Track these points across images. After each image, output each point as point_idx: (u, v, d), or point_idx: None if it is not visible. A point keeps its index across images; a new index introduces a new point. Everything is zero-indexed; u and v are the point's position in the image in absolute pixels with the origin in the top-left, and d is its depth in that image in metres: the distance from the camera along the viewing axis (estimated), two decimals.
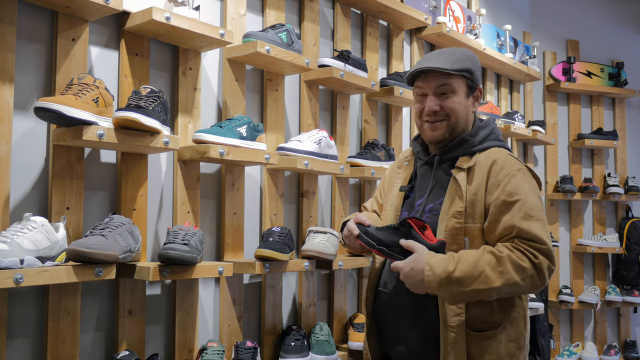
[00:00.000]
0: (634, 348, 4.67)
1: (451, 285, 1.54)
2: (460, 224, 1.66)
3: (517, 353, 1.67)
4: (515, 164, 1.70)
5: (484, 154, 1.73)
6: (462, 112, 1.76)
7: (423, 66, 1.75)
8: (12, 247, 1.58)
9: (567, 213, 4.74)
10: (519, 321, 1.69)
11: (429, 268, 1.55)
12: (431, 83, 1.75)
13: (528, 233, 1.58)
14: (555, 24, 4.89)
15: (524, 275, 1.55)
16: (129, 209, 2.06)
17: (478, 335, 1.65)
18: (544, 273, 1.57)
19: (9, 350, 1.78)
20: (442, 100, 1.75)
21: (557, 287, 4.60)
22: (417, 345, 1.72)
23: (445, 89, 1.74)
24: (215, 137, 2.09)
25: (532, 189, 1.66)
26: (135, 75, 2.10)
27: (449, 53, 1.78)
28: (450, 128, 1.76)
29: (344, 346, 2.74)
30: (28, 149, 1.87)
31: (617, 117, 5.00)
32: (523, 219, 1.59)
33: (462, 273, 1.54)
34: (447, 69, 1.72)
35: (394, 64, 3.32)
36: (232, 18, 2.46)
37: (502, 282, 1.54)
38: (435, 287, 1.55)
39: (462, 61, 1.75)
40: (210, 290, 2.37)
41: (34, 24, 1.89)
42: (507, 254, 1.56)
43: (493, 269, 1.54)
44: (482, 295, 1.57)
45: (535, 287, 1.59)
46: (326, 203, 2.90)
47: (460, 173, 1.71)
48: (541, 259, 1.56)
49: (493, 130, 1.80)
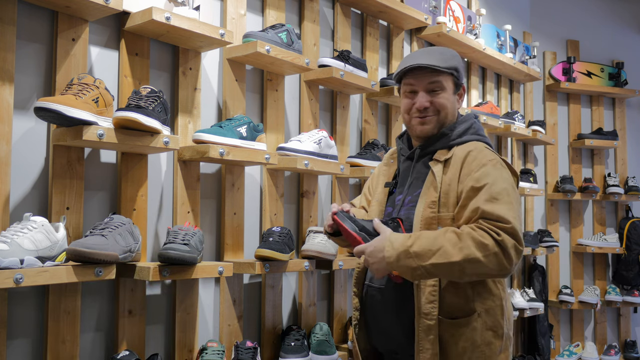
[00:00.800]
0: (634, 348, 4.67)
1: (410, 259, 1.56)
2: (434, 213, 1.70)
3: (493, 341, 1.68)
4: (489, 155, 1.72)
5: (461, 146, 1.77)
6: (450, 108, 1.82)
7: (415, 63, 1.78)
8: (12, 247, 1.58)
9: (567, 213, 4.74)
10: (495, 310, 1.70)
11: (389, 243, 1.59)
12: (422, 80, 1.80)
13: (491, 214, 1.58)
14: (555, 24, 4.89)
15: (486, 252, 1.54)
16: (129, 209, 2.06)
17: (451, 322, 1.67)
18: (508, 252, 1.55)
19: (9, 350, 1.78)
20: (433, 96, 1.80)
21: (557, 287, 4.60)
22: (402, 338, 1.75)
23: (436, 85, 1.79)
24: (215, 137, 2.09)
25: (501, 175, 1.66)
26: (135, 75, 2.10)
27: (438, 52, 1.83)
28: (439, 123, 1.81)
29: (344, 346, 2.74)
30: (28, 149, 1.87)
31: (617, 117, 5.00)
32: (487, 201, 1.60)
33: (420, 248, 1.56)
34: (439, 66, 1.77)
35: (394, 64, 3.32)
36: (232, 18, 2.46)
37: (461, 257, 1.53)
38: (394, 261, 1.58)
39: (451, 60, 1.81)
40: (210, 290, 2.37)
41: (34, 24, 1.89)
42: (467, 232, 1.57)
43: (453, 245, 1.55)
44: (444, 272, 1.57)
45: (502, 267, 1.56)
46: (326, 203, 2.90)
47: (437, 165, 1.76)
48: (504, 237, 1.55)
49: (472, 125, 1.83)
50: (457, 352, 1.67)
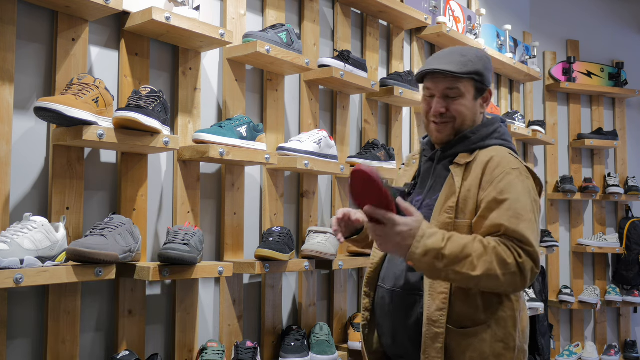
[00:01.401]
0: (634, 348, 4.67)
1: (437, 261, 1.50)
2: (450, 219, 1.65)
3: (504, 354, 1.63)
4: (513, 162, 1.66)
5: (483, 151, 1.71)
6: (468, 114, 1.74)
7: (431, 67, 1.72)
8: (12, 247, 1.58)
9: (567, 213, 4.74)
10: (507, 321, 1.65)
11: (422, 234, 1.50)
12: (439, 85, 1.73)
13: (515, 232, 1.54)
14: (555, 24, 4.89)
15: (505, 270, 1.51)
16: (129, 209, 2.06)
17: (459, 331, 1.63)
18: (525, 274, 1.53)
19: (9, 350, 1.78)
20: (449, 102, 1.73)
21: (557, 287, 4.60)
22: (408, 344, 1.73)
23: (453, 92, 1.72)
24: (215, 137, 2.09)
25: (525, 189, 1.62)
26: (135, 75, 2.10)
27: (460, 54, 1.74)
28: (456, 130, 1.75)
29: (344, 346, 2.74)
30: (28, 149, 1.87)
31: (617, 117, 5.00)
32: (512, 217, 1.56)
33: (449, 252, 1.51)
34: (456, 72, 1.69)
35: (394, 64, 3.32)
36: (232, 18, 2.46)
37: (482, 271, 1.50)
38: (420, 255, 1.49)
39: (473, 63, 1.72)
40: (210, 290, 2.37)
41: (34, 24, 1.89)
42: (493, 246, 1.53)
43: (479, 256, 1.52)
44: (462, 280, 1.54)
45: (515, 287, 1.55)
46: (326, 203, 2.90)
47: (457, 169, 1.70)
48: (525, 260, 1.53)
49: (497, 129, 1.77)
50: None
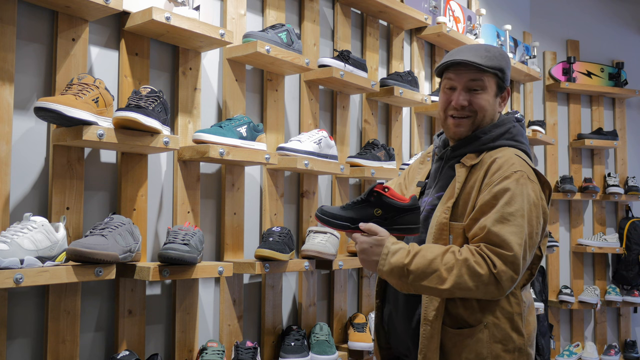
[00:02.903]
0: (634, 348, 4.67)
1: (402, 277, 1.54)
2: (446, 219, 1.64)
3: (502, 355, 1.60)
4: (517, 165, 1.61)
5: (490, 152, 1.68)
6: (489, 111, 1.72)
7: (457, 58, 1.69)
8: (12, 247, 1.58)
9: (567, 213, 4.74)
10: (505, 322, 1.62)
11: (387, 252, 1.55)
12: (463, 76, 1.70)
13: (496, 236, 1.52)
14: (555, 24, 4.89)
15: (477, 282, 1.51)
16: (129, 209, 2.06)
17: (455, 332, 1.63)
18: (502, 284, 1.51)
19: (9, 350, 1.78)
20: (472, 95, 1.70)
21: (557, 287, 4.60)
22: (410, 343, 1.74)
23: (477, 84, 1.70)
24: (215, 137, 2.09)
25: (522, 192, 1.57)
26: (135, 75, 2.10)
27: (485, 49, 1.72)
28: (475, 126, 1.72)
29: (344, 346, 2.74)
30: (28, 149, 1.87)
31: (617, 117, 5.00)
32: (497, 221, 1.53)
33: (415, 267, 1.53)
34: (482, 64, 1.67)
35: (394, 64, 3.32)
36: (232, 18, 2.46)
37: (451, 285, 1.51)
38: (387, 271, 1.55)
39: (497, 59, 1.70)
40: (210, 290, 2.37)
41: (34, 24, 1.89)
42: (464, 257, 1.52)
43: (448, 270, 1.51)
44: (432, 293, 1.56)
45: (492, 296, 1.55)
46: (326, 203, 2.90)
47: (461, 169, 1.68)
48: (500, 269, 1.50)
49: (510, 129, 1.73)
50: None
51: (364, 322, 2.76)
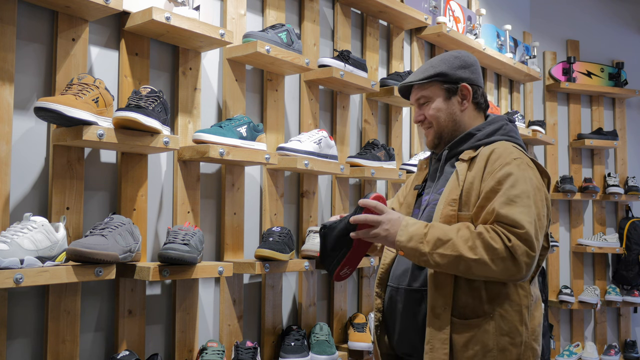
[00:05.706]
0: (634, 348, 4.67)
1: (421, 244, 1.59)
2: (454, 211, 1.67)
3: (509, 348, 1.62)
4: (515, 153, 1.68)
5: (488, 146, 1.74)
6: (442, 115, 1.82)
7: (400, 85, 1.91)
8: (12, 247, 1.58)
9: (567, 213, 4.74)
10: (513, 315, 1.64)
11: (405, 224, 1.62)
12: (412, 97, 1.89)
13: (506, 217, 1.56)
14: (555, 24, 4.89)
15: (493, 255, 1.53)
16: (129, 209, 2.06)
17: (463, 323, 1.64)
18: (518, 259, 1.53)
19: (9, 350, 1.78)
20: (423, 109, 1.86)
21: (557, 287, 4.60)
22: (417, 341, 1.73)
23: (422, 99, 1.85)
24: (215, 137, 2.09)
25: (524, 176, 1.62)
26: (135, 75, 2.11)
27: (428, 63, 1.87)
28: (438, 133, 1.84)
29: (344, 346, 2.74)
30: (28, 149, 1.87)
31: (617, 117, 5.00)
32: (504, 203, 1.58)
33: (432, 236, 1.59)
34: (417, 80, 1.82)
35: (394, 64, 3.32)
36: (232, 18, 2.46)
37: (469, 255, 1.54)
38: (405, 241, 1.60)
39: (434, 67, 1.82)
40: (210, 290, 2.37)
41: (34, 24, 1.89)
42: (479, 232, 1.57)
43: (464, 241, 1.56)
44: (450, 264, 1.57)
45: (510, 273, 1.55)
46: (326, 203, 2.90)
47: (461, 164, 1.73)
48: (515, 243, 1.53)
49: (503, 126, 1.80)
50: (467, 354, 1.62)
51: (364, 322, 2.76)
